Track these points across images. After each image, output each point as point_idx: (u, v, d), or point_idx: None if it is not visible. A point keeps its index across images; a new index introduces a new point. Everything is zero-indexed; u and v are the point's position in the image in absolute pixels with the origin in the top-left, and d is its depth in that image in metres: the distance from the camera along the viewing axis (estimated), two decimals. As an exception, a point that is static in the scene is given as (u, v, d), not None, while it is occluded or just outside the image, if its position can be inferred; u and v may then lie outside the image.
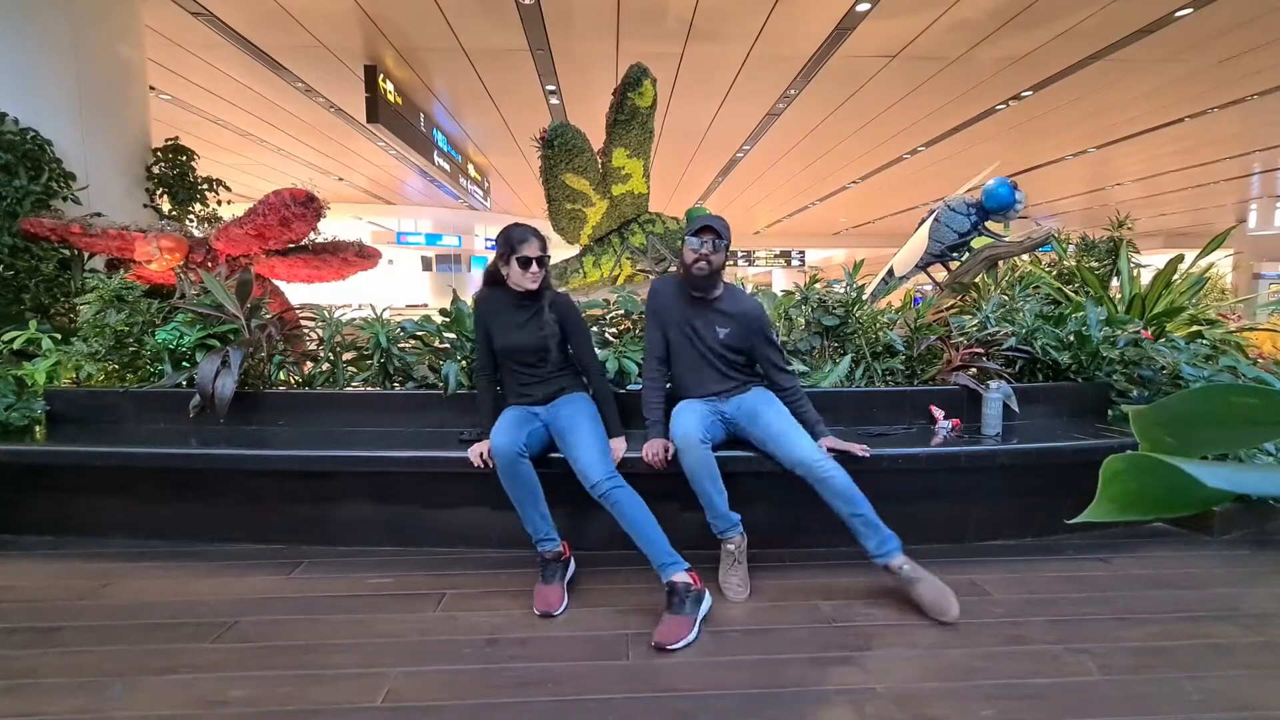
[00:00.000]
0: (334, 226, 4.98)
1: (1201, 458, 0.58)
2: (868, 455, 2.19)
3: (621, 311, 3.01)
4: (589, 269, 4.93)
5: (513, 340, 2.25)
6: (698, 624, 1.90)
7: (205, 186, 5.20)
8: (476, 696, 1.61)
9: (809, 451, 2.07)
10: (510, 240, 2.19)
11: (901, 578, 2.03)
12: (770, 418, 2.19)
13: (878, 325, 2.98)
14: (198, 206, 5.15)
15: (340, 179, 14.18)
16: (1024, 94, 8.42)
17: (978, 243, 4.52)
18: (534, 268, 2.18)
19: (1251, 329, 4.40)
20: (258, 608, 2.05)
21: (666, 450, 2.17)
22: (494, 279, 2.29)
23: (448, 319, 2.81)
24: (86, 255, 4.21)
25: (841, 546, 2.45)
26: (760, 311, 2.31)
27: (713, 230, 2.17)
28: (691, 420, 2.13)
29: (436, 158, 9.98)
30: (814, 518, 2.44)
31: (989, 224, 4.44)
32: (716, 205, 16.50)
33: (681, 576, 1.94)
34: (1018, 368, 2.96)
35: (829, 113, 9.49)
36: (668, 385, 2.39)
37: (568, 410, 2.22)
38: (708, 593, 2.00)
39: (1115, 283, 4.04)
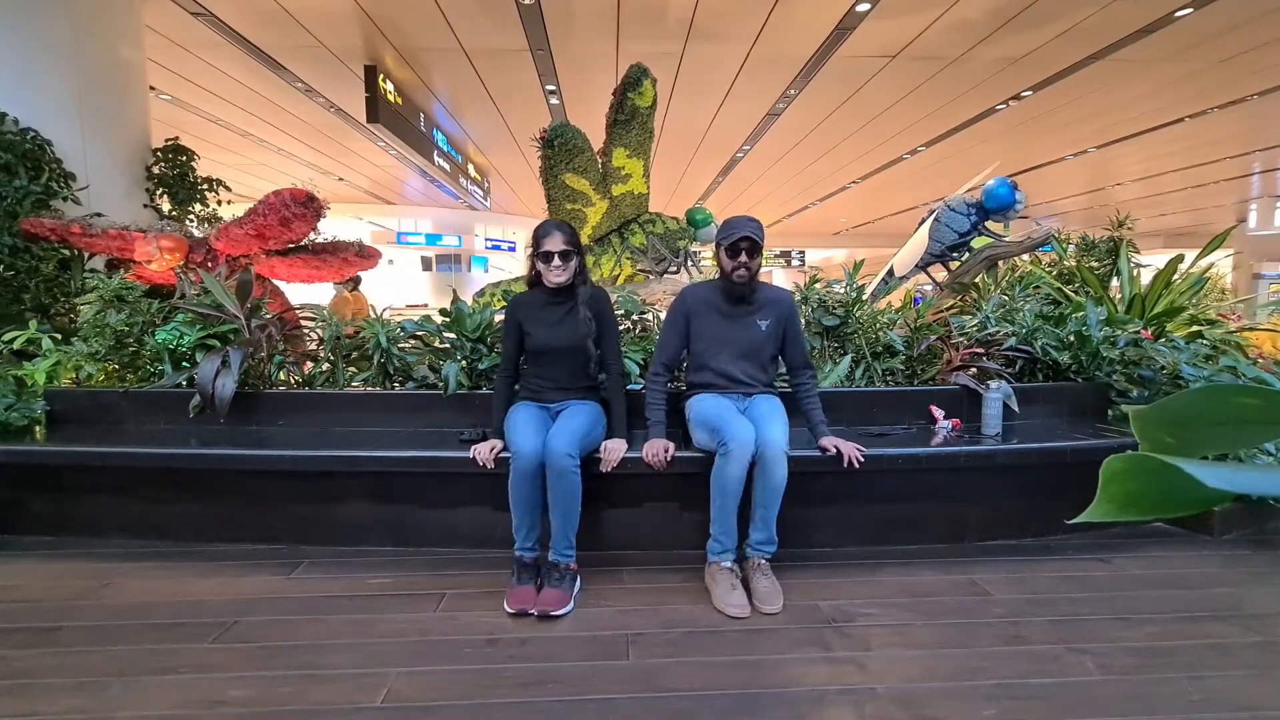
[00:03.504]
0: (334, 226, 4.97)
1: (1201, 458, 0.58)
2: (858, 465, 2.18)
3: (621, 312, 3.01)
4: (589, 269, 4.93)
5: (550, 338, 2.25)
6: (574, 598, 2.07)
7: (205, 187, 5.19)
8: (476, 696, 1.61)
9: (777, 437, 2.09)
10: (535, 236, 2.24)
11: (758, 569, 2.12)
12: (764, 408, 2.23)
13: (878, 325, 2.98)
14: (198, 206, 5.14)
15: (340, 179, 14.16)
16: (1024, 94, 8.42)
17: (978, 243, 4.52)
18: (556, 261, 2.19)
19: (1251, 329, 4.39)
20: (258, 608, 2.05)
21: (667, 451, 2.18)
22: (532, 280, 2.32)
23: (448, 319, 2.81)
24: (86, 255, 4.20)
25: (841, 547, 2.46)
26: (792, 298, 2.43)
27: (749, 239, 2.19)
28: (748, 428, 2.09)
29: (436, 158, 9.97)
30: (814, 518, 2.45)
31: (989, 224, 4.45)
32: (716, 205, 16.48)
33: (569, 564, 2.10)
34: (1018, 368, 2.96)
35: (829, 113, 9.48)
36: (671, 386, 2.39)
37: (575, 406, 2.25)
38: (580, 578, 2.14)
39: (1115, 283, 4.03)
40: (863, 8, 6.03)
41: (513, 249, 21.00)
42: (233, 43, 6.82)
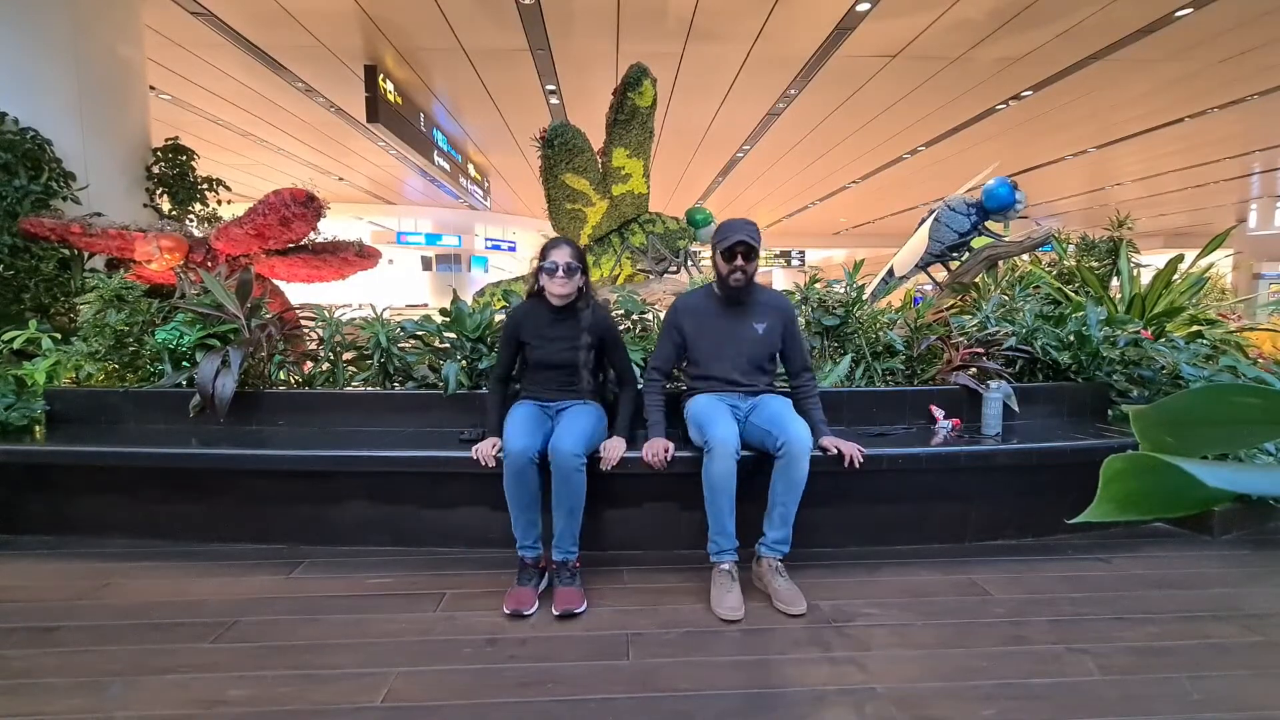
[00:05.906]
0: (334, 226, 4.97)
1: (1201, 458, 0.58)
2: (859, 466, 2.18)
3: (621, 311, 3.01)
4: (589, 269, 4.93)
5: (548, 353, 2.27)
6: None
7: (205, 186, 5.19)
8: (476, 696, 1.61)
9: (801, 434, 2.10)
10: (543, 249, 2.27)
11: (773, 570, 2.11)
12: (777, 406, 2.25)
13: (878, 325, 2.98)
14: (198, 206, 5.14)
15: (340, 179, 14.17)
16: (1024, 94, 8.42)
17: (978, 243, 4.52)
18: (560, 274, 2.21)
19: (1251, 329, 4.40)
20: (258, 608, 2.05)
21: (667, 450, 2.18)
22: (535, 291, 2.32)
23: (448, 319, 2.81)
24: (86, 255, 4.20)
25: (841, 547, 2.46)
26: (791, 304, 2.44)
27: (744, 243, 2.19)
28: (730, 428, 2.11)
29: (436, 158, 9.97)
30: (814, 518, 2.44)
31: (989, 224, 4.45)
32: (716, 205, 16.48)
33: (575, 561, 2.11)
34: (1018, 368, 2.96)
35: (829, 113, 9.48)
36: (668, 386, 2.40)
37: (577, 408, 2.26)
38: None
39: (1115, 283, 4.04)
40: (863, 8, 6.03)
41: (513, 249, 21.01)
42: (233, 43, 6.82)
